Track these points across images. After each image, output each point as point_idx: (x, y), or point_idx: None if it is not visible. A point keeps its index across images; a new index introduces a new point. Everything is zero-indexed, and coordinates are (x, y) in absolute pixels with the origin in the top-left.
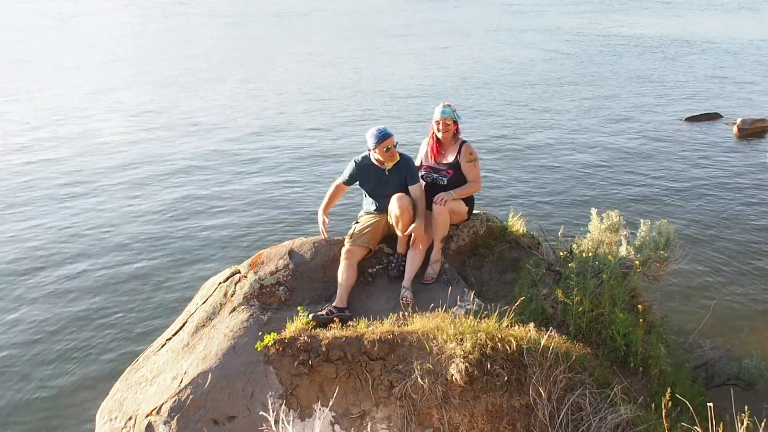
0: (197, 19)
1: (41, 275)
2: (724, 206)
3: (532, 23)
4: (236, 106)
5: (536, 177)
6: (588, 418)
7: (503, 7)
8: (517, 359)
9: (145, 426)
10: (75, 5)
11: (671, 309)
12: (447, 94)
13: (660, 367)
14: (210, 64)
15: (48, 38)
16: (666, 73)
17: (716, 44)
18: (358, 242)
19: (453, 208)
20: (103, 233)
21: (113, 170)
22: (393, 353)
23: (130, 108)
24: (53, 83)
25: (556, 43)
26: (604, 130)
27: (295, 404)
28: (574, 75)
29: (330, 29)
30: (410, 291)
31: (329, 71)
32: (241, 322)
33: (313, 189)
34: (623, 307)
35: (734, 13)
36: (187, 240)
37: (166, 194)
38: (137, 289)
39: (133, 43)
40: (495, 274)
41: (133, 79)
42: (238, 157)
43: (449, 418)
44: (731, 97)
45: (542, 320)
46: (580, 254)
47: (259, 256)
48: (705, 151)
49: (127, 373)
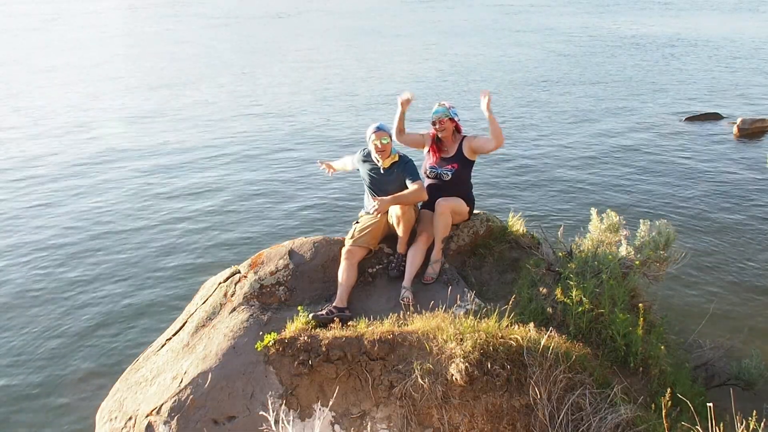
0: (187, 21)
1: (41, 275)
2: (724, 206)
3: (532, 24)
4: (236, 106)
5: (536, 177)
6: (588, 418)
7: (500, 8)
8: (517, 359)
9: (145, 426)
10: (58, 6)
11: (671, 309)
12: (443, 95)
13: (660, 367)
14: (200, 66)
15: (31, 40)
16: (666, 73)
17: (716, 44)
18: (358, 242)
19: (454, 208)
20: (103, 233)
21: (113, 170)
22: (393, 353)
23: (125, 108)
24: (34, 84)
25: (554, 43)
26: (603, 130)
27: (295, 404)
28: (574, 75)
29: (323, 30)
30: (410, 291)
31: (324, 72)
32: (241, 322)
33: (313, 189)
34: (623, 307)
35: (734, 13)
36: (187, 240)
37: (165, 194)
38: (137, 289)
39: (119, 44)
40: (495, 274)
41: (122, 80)
42: (238, 158)
43: (449, 418)
44: (731, 97)
45: (542, 320)
46: (580, 254)
47: (259, 256)
48: (705, 151)
49: (127, 373)
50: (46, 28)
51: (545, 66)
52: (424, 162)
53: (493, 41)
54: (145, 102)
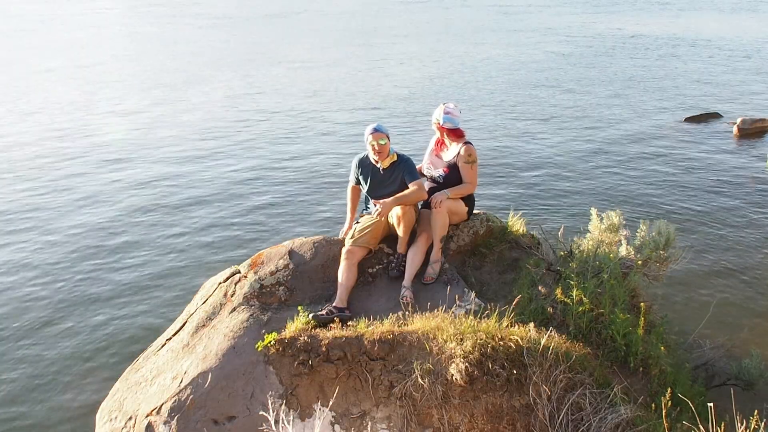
0: (187, 21)
1: (41, 275)
2: (724, 206)
3: (531, 24)
4: (234, 107)
5: (536, 177)
6: (588, 418)
7: (499, 8)
8: (517, 359)
9: (145, 426)
10: (55, 6)
11: (671, 309)
12: (443, 95)
13: (660, 367)
14: (198, 67)
15: (27, 40)
16: (666, 73)
17: (716, 44)
18: (358, 242)
19: (451, 209)
20: (103, 234)
21: (112, 170)
22: (393, 353)
23: (125, 108)
24: (33, 85)
25: (554, 44)
26: (603, 130)
27: (295, 404)
28: (573, 76)
29: (322, 30)
30: (410, 290)
31: (321, 74)
32: (241, 322)
33: (312, 188)
34: (623, 307)
35: (733, 13)
36: (187, 240)
37: (165, 195)
38: (137, 289)
39: (118, 44)
40: (495, 274)
41: (122, 80)
42: (238, 157)
43: (449, 418)
44: (731, 97)
45: (542, 320)
46: (580, 254)
47: (259, 256)
48: (705, 151)
49: (127, 373)
50: (43, 29)
51: (545, 66)
52: (424, 157)
53: (492, 41)
54: (145, 102)
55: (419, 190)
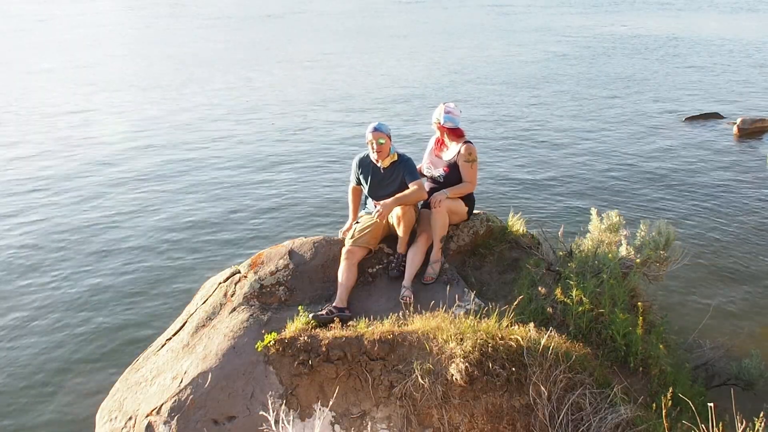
0: (186, 21)
1: (40, 275)
2: (724, 206)
3: (530, 24)
4: (234, 107)
5: (536, 177)
6: (588, 418)
7: (499, 8)
8: (517, 359)
9: (145, 426)
10: (52, 6)
11: (671, 309)
12: (442, 95)
13: (660, 367)
14: (197, 67)
15: (25, 40)
16: (665, 73)
17: (716, 44)
18: (358, 242)
19: (451, 208)
20: (102, 234)
21: (110, 170)
22: (393, 353)
23: (124, 108)
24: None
25: (553, 44)
26: (603, 130)
27: (295, 404)
28: (573, 76)
29: (321, 31)
30: (410, 290)
31: (321, 73)
32: (241, 322)
33: (312, 188)
34: (623, 307)
35: (733, 13)
36: (188, 240)
37: (165, 195)
38: (137, 289)
39: (116, 44)
40: (495, 274)
41: (121, 80)
42: (238, 158)
43: (449, 418)
44: (731, 97)
45: (542, 320)
46: (580, 254)
47: (259, 256)
48: (705, 151)
49: (127, 373)
50: (41, 29)
51: (544, 66)
52: (424, 157)
53: (492, 41)
54: (144, 102)
55: (419, 190)
